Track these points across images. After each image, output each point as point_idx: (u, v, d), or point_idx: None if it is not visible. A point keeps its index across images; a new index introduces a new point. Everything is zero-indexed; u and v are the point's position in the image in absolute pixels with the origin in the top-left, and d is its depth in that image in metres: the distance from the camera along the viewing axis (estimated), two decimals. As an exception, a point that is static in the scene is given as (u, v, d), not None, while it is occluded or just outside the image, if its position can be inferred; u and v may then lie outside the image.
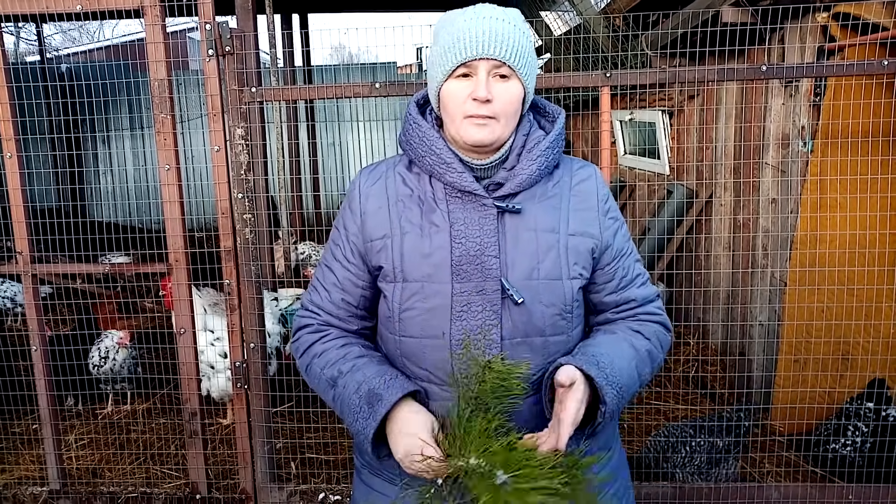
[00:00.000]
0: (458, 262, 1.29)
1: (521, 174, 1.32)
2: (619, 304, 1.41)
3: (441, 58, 1.27)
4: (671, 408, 3.77)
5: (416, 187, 1.36)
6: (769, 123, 3.58)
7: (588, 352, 1.29)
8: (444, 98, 1.29)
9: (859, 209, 3.11)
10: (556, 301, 1.31)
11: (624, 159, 5.97)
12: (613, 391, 1.24)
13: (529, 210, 1.32)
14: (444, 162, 1.30)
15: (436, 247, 1.30)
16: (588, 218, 1.36)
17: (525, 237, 1.31)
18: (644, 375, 1.36)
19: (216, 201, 2.73)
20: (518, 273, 1.30)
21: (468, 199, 1.31)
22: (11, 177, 2.76)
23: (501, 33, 1.23)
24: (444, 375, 1.32)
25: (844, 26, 3.06)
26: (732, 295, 4.13)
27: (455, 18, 1.28)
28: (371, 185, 1.39)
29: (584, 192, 1.38)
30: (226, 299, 2.78)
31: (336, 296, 1.41)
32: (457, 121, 1.28)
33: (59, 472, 3.03)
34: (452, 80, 1.27)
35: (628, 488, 1.51)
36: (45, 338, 2.91)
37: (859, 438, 2.97)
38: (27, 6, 2.64)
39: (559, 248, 1.32)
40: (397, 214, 1.34)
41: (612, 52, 5.08)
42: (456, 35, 1.25)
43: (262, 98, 2.63)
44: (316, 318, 1.43)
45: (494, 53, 1.23)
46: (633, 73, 2.55)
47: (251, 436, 2.87)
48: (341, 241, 1.41)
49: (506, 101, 1.26)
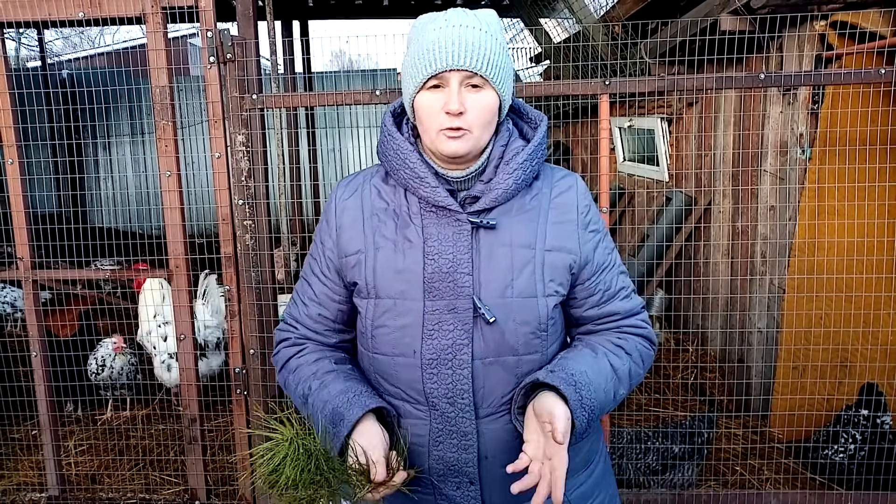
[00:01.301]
0: (431, 279, 1.26)
1: (498, 188, 1.27)
2: (602, 318, 1.37)
3: (412, 69, 1.24)
4: (670, 414, 3.77)
5: (392, 200, 1.33)
6: (768, 131, 3.59)
7: (566, 367, 1.24)
8: (417, 110, 1.26)
9: (857, 217, 3.12)
10: (531, 319, 1.28)
11: (623, 166, 5.98)
12: (584, 413, 1.19)
13: (505, 225, 1.28)
14: (418, 176, 1.27)
15: (409, 263, 1.28)
16: (566, 232, 1.32)
17: (499, 253, 1.27)
18: (619, 396, 1.31)
19: (217, 208, 2.74)
20: (491, 291, 1.26)
21: (442, 213, 1.28)
22: (13, 183, 2.78)
23: (472, 42, 1.19)
24: (416, 394, 1.30)
25: (842, 35, 3.08)
26: (731, 302, 4.14)
27: (425, 27, 1.24)
28: (347, 197, 1.37)
29: (564, 205, 1.33)
30: (226, 305, 2.79)
31: (313, 310, 1.40)
32: (431, 133, 1.25)
33: (59, 479, 3.03)
34: (424, 91, 1.23)
35: (614, 497, 1.48)
36: (44, 343, 2.91)
37: (853, 446, 2.97)
38: (30, 13, 2.65)
39: (535, 264, 1.28)
40: (371, 229, 1.32)
41: (611, 60, 5.10)
42: (426, 45, 1.21)
43: (263, 105, 2.65)
44: (294, 332, 1.42)
45: (465, 64, 1.19)
46: (632, 81, 2.56)
47: (251, 442, 2.87)
48: (318, 256, 1.39)
49: (479, 112, 1.23)
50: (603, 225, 1.40)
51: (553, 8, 6.13)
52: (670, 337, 4.68)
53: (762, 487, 3.07)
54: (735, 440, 3.45)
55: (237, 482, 2.99)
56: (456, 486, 1.31)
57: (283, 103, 2.75)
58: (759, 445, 3.36)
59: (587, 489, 1.40)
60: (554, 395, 1.18)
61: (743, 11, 3.32)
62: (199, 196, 8.41)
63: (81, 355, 3.69)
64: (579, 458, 1.38)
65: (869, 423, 2.98)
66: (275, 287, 2.77)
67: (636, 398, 3.96)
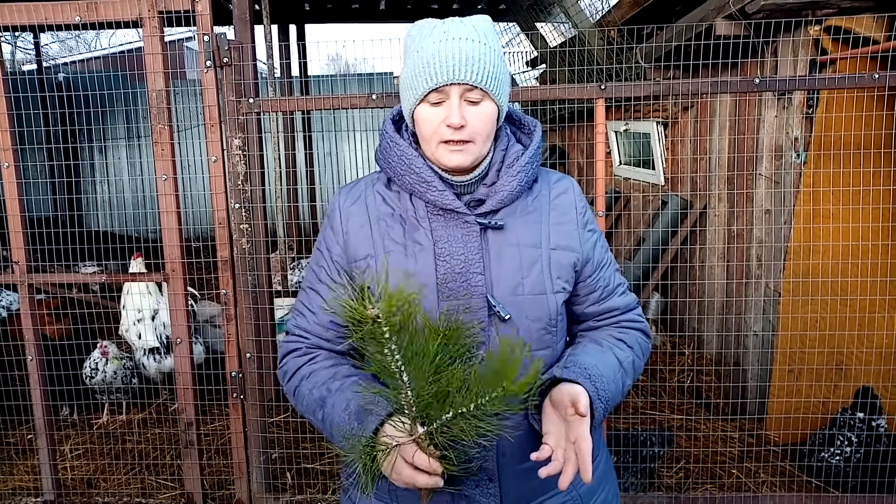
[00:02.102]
0: (444, 280, 1.28)
1: (503, 191, 1.31)
2: (602, 313, 1.41)
3: (412, 80, 1.25)
4: (666, 417, 3.78)
5: (397, 206, 1.34)
6: (763, 135, 3.61)
7: (578, 362, 1.27)
8: (417, 122, 1.28)
9: (852, 220, 3.14)
10: (542, 315, 1.31)
11: (619, 170, 6.00)
12: (602, 405, 1.23)
13: (511, 225, 1.32)
14: (425, 181, 1.29)
15: (420, 266, 1.29)
16: (568, 231, 1.36)
17: (508, 253, 1.31)
18: (626, 386, 1.35)
19: (213, 211, 2.74)
20: (503, 289, 1.29)
21: (450, 216, 1.30)
22: (8, 186, 2.77)
23: (472, 56, 1.21)
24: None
25: (836, 40, 3.10)
26: (727, 305, 4.15)
27: (424, 39, 1.26)
28: (351, 204, 1.37)
29: (564, 206, 1.38)
30: (223, 309, 2.79)
31: (323, 318, 1.38)
32: (432, 145, 1.27)
33: (54, 483, 3.02)
34: (425, 104, 1.25)
35: (616, 495, 1.51)
36: (40, 347, 2.91)
37: (849, 448, 2.98)
38: (26, 17, 2.65)
39: (542, 262, 1.31)
40: (380, 234, 1.33)
41: (606, 64, 5.12)
42: (426, 59, 1.23)
43: (259, 109, 2.65)
44: (304, 342, 1.41)
45: (466, 78, 1.21)
46: (627, 86, 2.57)
47: (247, 446, 2.87)
48: (325, 263, 1.39)
49: (480, 124, 1.25)
50: (597, 225, 1.45)
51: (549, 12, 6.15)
52: (666, 340, 4.69)
53: (758, 490, 3.08)
54: (731, 443, 3.46)
55: (233, 486, 2.98)
56: (475, 483, 1.32)
57: (279, 107, 2.75)
58: (755, 448, 3.37)
59: (593, 484, 1.42)
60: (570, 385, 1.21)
61: (738, 16, 3.34)
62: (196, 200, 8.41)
63: (77, 359, 3.69)
64: None
65: (864, 426, 3.00)
66: (271, 291, 2.77)
67: (632, 401, 3.96)
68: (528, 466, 1.32)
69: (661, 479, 3.17)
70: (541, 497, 1.35)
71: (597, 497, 1.42)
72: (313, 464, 3.33)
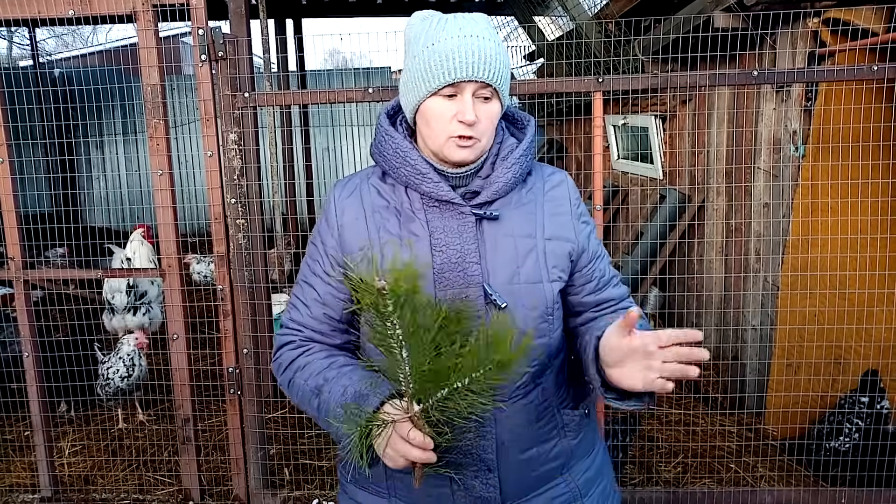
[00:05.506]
0: (440, 270, 1.29)
1: (498, 182, 1.33)
2: (599, 304, 1.43)
3: (425, 73, 1.26)
4: (664, 412, 3.78)
5: (392, 198, 1.36)
6: (761, 128, 3.59)
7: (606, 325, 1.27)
8: (425, 114, 1.29)
9: (851, 213, 3.13)
10: (538, 304, 1.32)
11: (617, 164, 5.98)
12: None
13: (506, 216, 1.34)
14: (420, 172, 1.31)
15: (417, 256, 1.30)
16: (563, 222, 1.38)
17: (504, 243, 1.32)
18: None
19: (209, 206, 2.72)
20: (499, 278, 1.30)
21: (446, 207, 1.32)
22: (3, 182, 2.76)
23: (489, 55, 1.24)
24: None
25: (835, 32, 3.08)
26: (725, 299, 4.15)
27: (437, 32, 1.27)
28: (346, 197, 1.39)
29: (558, 198, 1.40)
30: (220, 304, 2.78)
31: (317, 311, 1.39)
32: (440, 139, 1.28)
33: (51, 480, 3.01)
34: (437, 97, 1.26)
35: (614, 487, 1.52)
36: (36, 344, 2.89)
37: (857, 434, 2.99)
38: (19, 11, 2.63)
39: (537, 252, 1.33)
40: (375, 226, 1.34)
41: (604, 57, 5.10)
42: (444, 52, 1.24)
43: (255, 103, 2.63)
44: (298, 335, 1.41)
45: (483, 76, 1.24)
46: (625, 79, 2.56)
47: (244, 442, 2.86)
48: (319, 256, 1.39)
49: (488, 122, 1.28)
50: (590, 217, 1.47)
51: (547, 6, 6.13)
52: (665, 334, 4.68)
53: (756, 484, 3.08)
54: (729, 437, 3.46)
55: (231, 482, 2.98)
56: (474, 474, 1.31)
57: (275, 101, 2.73)
58: (754, 442, 3.36)
59: (592, 475, 1.44)
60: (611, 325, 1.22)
61: (736, 8, 3.32)
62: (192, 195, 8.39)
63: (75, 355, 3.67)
64: (583, 446, 1.43)
65: (865, 407, 3.02)
66: (268, 286, 2.76)
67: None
68: (528, 457, 1.34)
69: (659, 474, 3.16)
70: (540, 487, 1.36)
71: (595, 488, 1.44)
72: (311, 460, 3.33)
